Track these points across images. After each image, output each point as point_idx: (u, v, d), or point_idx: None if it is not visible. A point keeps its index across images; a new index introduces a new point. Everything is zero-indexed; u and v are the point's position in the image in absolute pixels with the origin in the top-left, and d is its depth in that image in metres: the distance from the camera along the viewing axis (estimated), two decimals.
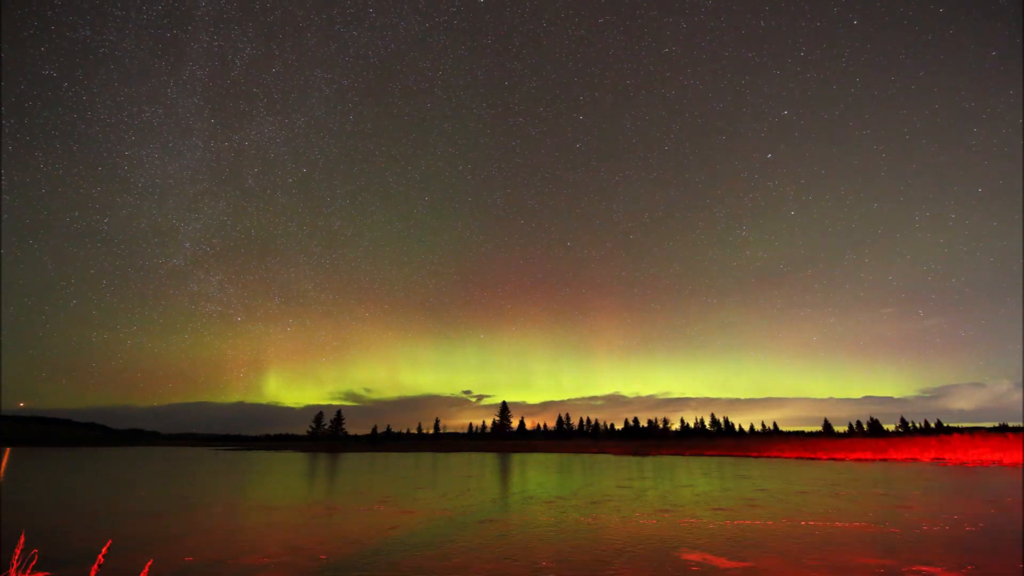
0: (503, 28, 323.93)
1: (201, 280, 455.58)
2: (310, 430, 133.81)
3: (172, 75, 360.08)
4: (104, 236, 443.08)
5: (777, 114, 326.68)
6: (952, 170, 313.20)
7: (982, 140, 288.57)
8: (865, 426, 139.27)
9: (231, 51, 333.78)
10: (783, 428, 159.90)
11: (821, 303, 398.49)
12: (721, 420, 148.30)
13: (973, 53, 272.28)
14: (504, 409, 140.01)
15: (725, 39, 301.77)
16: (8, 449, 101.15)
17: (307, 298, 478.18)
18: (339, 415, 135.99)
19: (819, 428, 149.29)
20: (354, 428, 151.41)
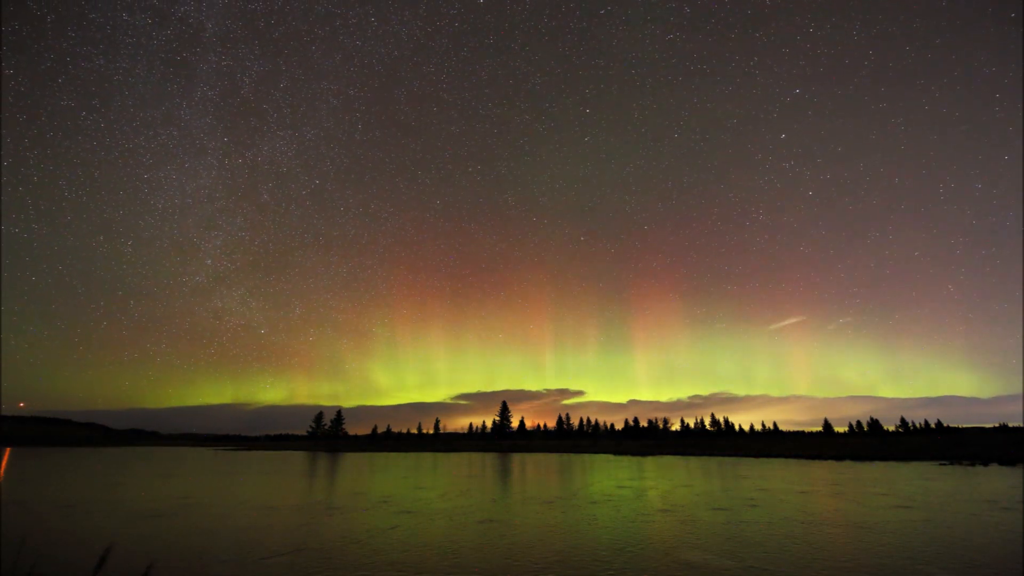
0: (504, 27, 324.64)
1: (224, 295, 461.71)
2: (310, 430, 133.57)
3: (184, 97, 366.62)
4: (128, 258, 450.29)
5: (789, 93, 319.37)
6: (976, 139, 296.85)
7: (1006, 106, 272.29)
8: (865, 426, 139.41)
9: (239, 70, 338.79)
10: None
11: (847, 285, 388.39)
12: (721, 420, 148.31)
13: (991, 16, 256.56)
14: (504, 409, 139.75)
15: (730, 21, 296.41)
16: (8, 449, 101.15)
17: (327, 307, 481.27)
18: (339, 415, 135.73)
19: (819, 428, 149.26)
20: (353, 429, 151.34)
